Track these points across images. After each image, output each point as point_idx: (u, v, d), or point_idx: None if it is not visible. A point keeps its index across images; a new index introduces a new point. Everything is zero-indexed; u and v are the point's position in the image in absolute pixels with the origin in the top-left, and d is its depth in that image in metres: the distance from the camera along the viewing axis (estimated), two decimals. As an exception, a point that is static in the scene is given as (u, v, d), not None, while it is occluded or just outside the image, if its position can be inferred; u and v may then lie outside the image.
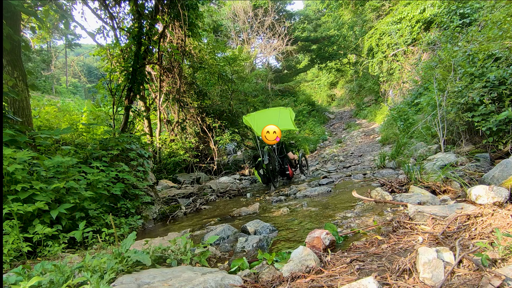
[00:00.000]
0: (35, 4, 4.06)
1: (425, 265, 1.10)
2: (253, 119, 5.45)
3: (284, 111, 5.63)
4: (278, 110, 5.64)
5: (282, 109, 5.69)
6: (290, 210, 2.87)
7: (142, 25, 5.00)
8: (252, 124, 5.42)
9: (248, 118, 5.55)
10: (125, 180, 3.27)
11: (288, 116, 5.62)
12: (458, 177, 2.56)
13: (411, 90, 10.21)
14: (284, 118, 5.55)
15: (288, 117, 5.61)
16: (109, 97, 5.62)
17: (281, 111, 5.59)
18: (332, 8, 18.98)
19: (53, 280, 1.20)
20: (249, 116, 5.59)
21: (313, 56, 20.94)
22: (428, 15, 10.66)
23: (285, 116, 5.61)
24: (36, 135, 3.02)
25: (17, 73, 3.16)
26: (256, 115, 5.59)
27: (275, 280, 1.30)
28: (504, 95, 3.48)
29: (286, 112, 5.67)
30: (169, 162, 6.86)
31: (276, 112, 5.60)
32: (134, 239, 1.57)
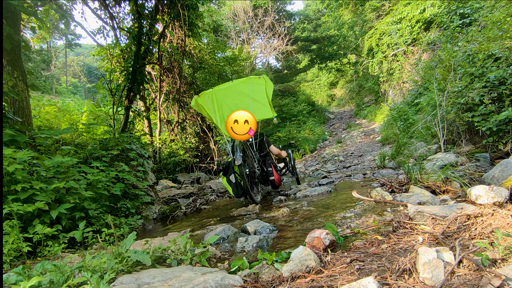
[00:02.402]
0: (35, 4, 4.06)
1: (425, 265, 1.10)
2: (211, 101, 3.63)
3: (257, 83, 3.82)
4: (248, 81, 3.75)
5: (253, 79, 3.80)
6: (290, 210, 2.87)
7: (142, 25, 5.00)
8: (209, 109, 3.61)
9: (201, 100, 3.61)
10: (125, 180, 3.27)
11: (263, 92, 3.85)
12: (458, 177, 2.57)
13: (411, 90, 10.21)
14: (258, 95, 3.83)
15: (263, 93, 3.85)
16: (109, 97, 5.62)
17: (253, 84, 3.77)
18: (332, 8, 18.99)
19: (53, 280, 1.20)
20: (204, 95, 3.62)
21: (313, 56, 20.94)
22: (428, 15, 10.66)
23: (259, 92, 3.83)
24: (36, 135, 3.02)
25: (17, 73, 3.16)
26: (215, 95, 3.66)
27: (275, 280, 1.30)
28: (504, 95, 3.48)
29: (259, 84, 3.82)
30: (169, 162, 6.86)
31: (245, 86, 3.75)
32: (134, 239, 1.57)
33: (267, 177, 3.76)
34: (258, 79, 3.86)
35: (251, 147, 3.72)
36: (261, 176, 3.80)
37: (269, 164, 3.78)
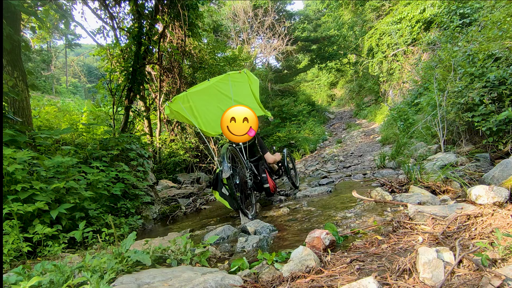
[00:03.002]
0: (35, 4, 4.06)
1: (425, 265, 1.10)
2: (187, 107, 3.28)
3: (238, 82, 3.28)
4: (227, 79, 3.21)
5: (233, 76, 3.23)
6: (290, 210, 2.87)
7: (142, 25, 5.01)
8: (186, 115, 3.26)
9: (175, 106, 3.21)
10: (125, 180, 3.27)
11: (247, 91, 3.34)
12: (458, 177, 2.57)
13: (411, 90, 10.21)
14: (242, 96, 3.34)
15: (248, 92, 3.35)
16: (109, 97, 5.63)
17: (233, 83, 3.24)
18: (332, 8, 19.00)
19: (53, 280, 1.20)
20: (178, 101, 3.21)
21: (313, 56, 20.95)
22: (428, 15, 10.67)
23: (243, 92, 3.34)
24: (36, 135, 3.02)
25: (17, 73, 3.17)
26: (191, 98, 3.27)
27: (275, 280, 1.30)
28: (504, 95, 3.48)
29: (241, 82, 3.29)
30: (169, 162, 6.86)
31: (225, 85, 3.25)
32: (134, 239, 1.58)
33: (261, 184, 3.25)
34: (239, 74, 3.25)
35: (240, 152, 3.07)
36: (254, 184, 3.23)
37: (263, 170, 3.24)
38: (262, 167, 3.29)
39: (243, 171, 3.02)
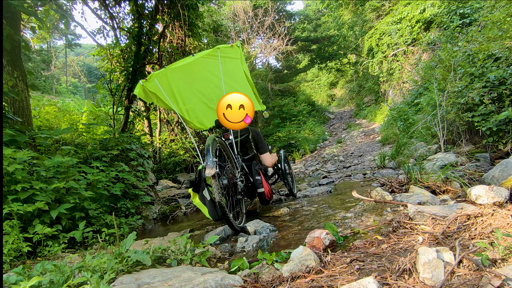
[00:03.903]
0: (35, 4, 4.06)
1: (425, 265, 1.10)
2: (165, 86, 2.76)
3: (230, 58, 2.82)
4: (216, 54, 2.73)
5: (223, 49, 2.75)
6: (290, 210, 2.87)
7: (142, 25, 5.01)
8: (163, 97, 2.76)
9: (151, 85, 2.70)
10: (125, 180, 3.27)
11: (240, 71, 2.92)
12: (458, 177, 2.57)
13: (411, 90, 10.21)
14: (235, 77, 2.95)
15: (240, 73, 2.93)
16: (109, 97, 5.62)
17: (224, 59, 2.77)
18: (332, 8, 19.00)
19: (53, 280, 1.20)
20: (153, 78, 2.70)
21: (313, 56, 20.95)
22: (428, 15, 10.67)
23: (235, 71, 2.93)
24: (36, 135, 3.02)
25: (17, 73, 3.17)
26: (170, 76, 2.77)
27: (275, 280, 1.30)
28: (504, 95, 3.48)
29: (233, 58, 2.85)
30: (169, 162, 6.86)
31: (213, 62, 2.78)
32: (134, 239, 1.58)
33: (254, 189, 2.75)
34: (230, 49, 2.77)
35: (231, 148, 2.65)
36: (246, 188, 2.75)
37: (257, 171, 2.74)
38: (256, 168, 2.77)
39: (233, 171, 2.55)
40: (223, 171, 2.41)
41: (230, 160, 2.60)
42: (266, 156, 3.08)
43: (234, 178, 2.54)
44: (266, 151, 3.10)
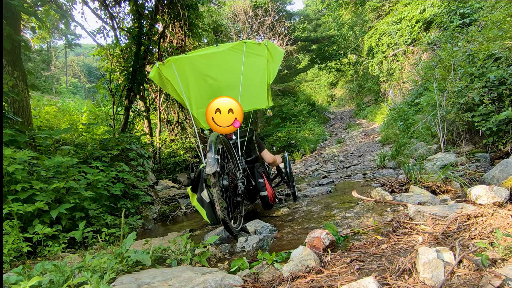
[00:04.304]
0: (35, 4, 4.06)
1: (425, 265, 1.10)
2: (181, 73, 2.64)
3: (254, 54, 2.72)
4: (241, 48, 2.64)
5: (250, 45, 2.67)
6: (290, 210, 2.87)
7: (142, 25, 5.01)
8: (176, 84, 2.67)
9: (166, 70, 2.61)
10: (125, 180, 3.27)
11: (263, 68, 2.82)
12: (458, 177, 2.57)
13: (411, 90, 10.21)
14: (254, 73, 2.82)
15: (262, 70, 2.82)
16: (109, 97, 5.63)
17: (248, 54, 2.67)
18: (332, 8, 18.99)
19: (53, 280, 1.20)
20: (171, 63, 2.59)
21: (313, 56, 20.94)
22: (428, 15, 10.67)
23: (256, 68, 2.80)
24: (36, 135, 3.02)
25: (17, 73, 3.17)
26: (189, 63, 2.67)
27: (275, 280, 1.30)
28: (504, 95, 3.48)
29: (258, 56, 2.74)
30: (169, 162, 6.86)
31: (237, 55, 2.68)
32: (134, 239, 1.58)
33: (256, 192, 2.67)
34: (257, 46, 2.67)
35: (232, 147, 2.56)
36: (247, 190, 2.65)
37: (259, 174, 2.68)
38: (259, 170, 2.71)
39: (234, 171, 2.47)
40: (224, 171, 2.30)
41: (232, 160, 2.51)
42: (265, 153, 3.07)
43: (235, 179, 2.44)
44: (263, 148, 3.10)
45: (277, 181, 3.54)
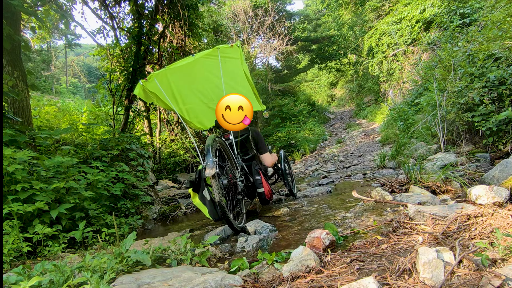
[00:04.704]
0: (35, 4, 4.06)
1: (425, 265, 1.10)
2: (165, 85, 2.77)
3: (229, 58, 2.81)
4: (216, 54, 2.72)
5: (223, 49, 2.74)
6: (290, 210, 2.87)
7: (142, 25, 5.01)
8: (163, 97, 2.77)
9: (151, 85, 2.71)
10: (125, 180, 3.27)
11: (240, 71, 2.89)
12: (458, 177, 2.57)
13: (411, 90, 10.21)
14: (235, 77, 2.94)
15: (240, 73, 2.90)
16: (109, 97, 5.63)
17: (224, 59, 2.76)
18: (332, 8, 19.00)
19: (53, 280, 1.20)
20: (153, 78, 2.70)
21: (313, 56, 20.95)
22: (428, 15, 10.67)
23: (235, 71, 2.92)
24: (36, 135, 3.02)
25: (17, 73, 3.17)
26: (171, 76, 2.79)
27: (275, 280, 1.30)
28: (504, 95, 3.48)
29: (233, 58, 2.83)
30: (169, 162, 6.86)
31: (213, 62, 2.78)
32: (134, 239, 1.58)
33: (254, 189, 2.77)
34: (230, 49, 2.76)
35: (231, 148, 2.67)
36: (246, 188, 2.78)
37: (256, 171, 2.76)
38: (256, 168, 2.79)
39: (233, 171, 2.57)
40: (223, 171, 2.42)
41: (230, 160, 2.61)
42: (266, 156, 3.10)
43: (234, 178, 2.55)
44: (266, 151, 3.11)
45: (273, 179, 3.59)
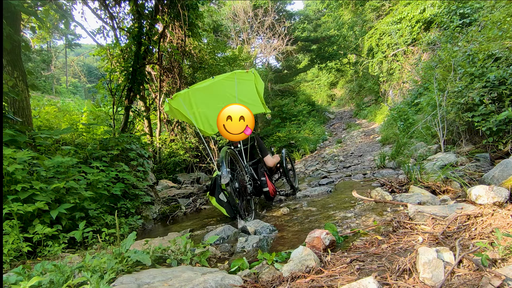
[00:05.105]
0: (35, 4, 4.06)
1: (425, 265, 1.10)
2: (188, 104, 3.15)
3: (244, 80, 3.25)
4: (233, 78, 3.17)
5: (240, 74, 3.20)
6: (290, 210, 2.87)
7: (142, 25, 5.01)
8: (186, 113, 3.15)
9: (175, 103, 3.09)
10: (125, 180, 3.27)
11: (253, 90, 3.34)
12: (458, 177, 2.56)
13: (411, 90, 10.21)
14: (247, 95, 3.32)
15: (253, 91, 3.35)
16: (109, 97, 5.63)
17: (239, 81, 3.21)
18: (332, 8, 19.00)
19: (53, 280, 1.20)
20: (179, 97, 3.08)
21: (313, 56, 20.94)
22: (428, 15, 10.67)
23: (248, 90, 3.32)
24: (36, 135, 3.02)
25: (17, 73, 3.17)
26: (193, 96, 3.15)
27: (275, 280, 1.30)
28: (504, 95, 3.48)
29: (247, 80, 3.28)
30: (169, 162, 6.86)
31: (230, 84, 3.18)
32: (134, 239, 1.58)
33: (260, 188, 3.15)
34: (246, 74, 3.21)
35: (240, 155, 3.02)
36: (254, 188, 3.13)
37: (262, 173, 3.13)
38: (261, 170, 3.18)
39: (243, 175, 2.95)
40: (234, 175, 2.78)
41: (239, 166, 3.01)
42: (268, 158, 3.47)
43: (244, 181, 2.94)
44: (267, 154, 3.48)
45: (277, 176, 3.94)
